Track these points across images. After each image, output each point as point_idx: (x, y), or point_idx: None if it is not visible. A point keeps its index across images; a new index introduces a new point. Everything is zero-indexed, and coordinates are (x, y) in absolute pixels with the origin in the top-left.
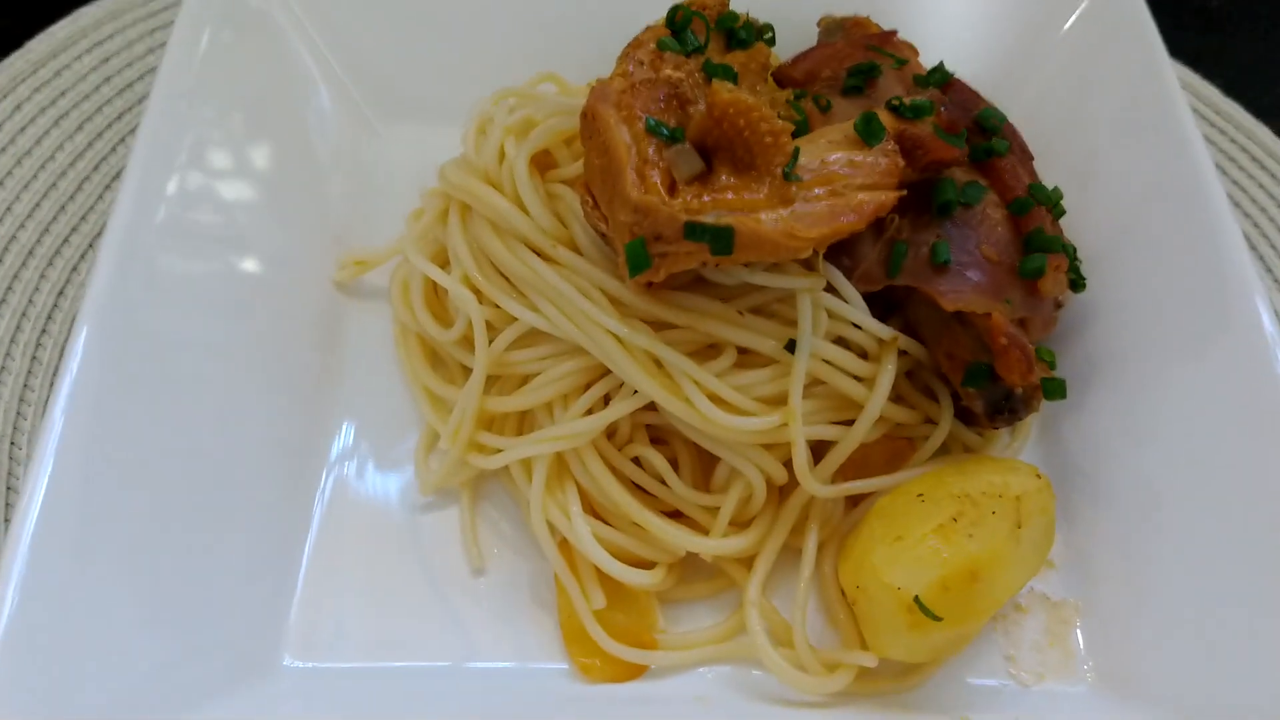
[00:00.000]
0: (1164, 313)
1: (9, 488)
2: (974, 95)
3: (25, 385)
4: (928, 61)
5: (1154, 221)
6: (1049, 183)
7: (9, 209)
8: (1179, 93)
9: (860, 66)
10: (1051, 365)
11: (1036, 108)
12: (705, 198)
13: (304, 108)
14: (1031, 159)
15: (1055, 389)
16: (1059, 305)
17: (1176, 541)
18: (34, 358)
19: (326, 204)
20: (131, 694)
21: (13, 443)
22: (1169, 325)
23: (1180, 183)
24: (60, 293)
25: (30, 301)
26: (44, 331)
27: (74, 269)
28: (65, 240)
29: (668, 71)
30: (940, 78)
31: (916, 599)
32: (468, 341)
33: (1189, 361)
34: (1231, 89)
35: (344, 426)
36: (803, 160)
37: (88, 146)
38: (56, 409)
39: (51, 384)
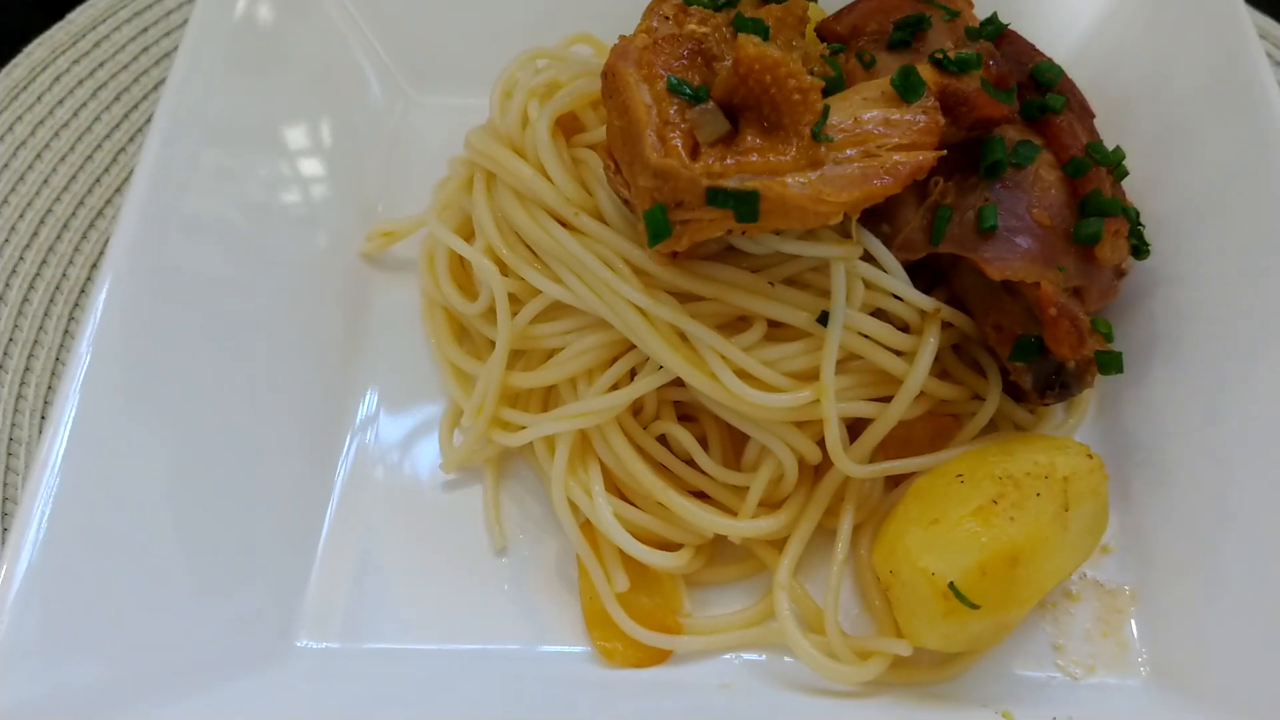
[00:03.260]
0: (1237, 283)
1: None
2: (1030, 48)
3: (57, 359)
4: (984, 13)
5: (1230, 185)
6: (1116, 144)
7: (46, 181)
8: (1260, 51)
9: (908, 19)
10: (1108, 337)
11: (1103, 64)
12: (729, 160)
13: (335, 75)
14: (1092, 116)
15: (1110, 363)
16: (1121, 273)
17: (1245, 528)
18: (66, 331)
19: (359, 173)
20: (141, 674)
21: (43, 416)
22: (1242, 296)
23: (1259, 148)
24: (94, 265)
25: (64, 275)
26: (76, 305)
27: (108, 242)
28: (99, 213)
29: (692, 26)
30: (994, 29)
31: (952, 585)
32: (493, 314)
33: (1264, 336)
34: None
35: (368, 402)
36: (834, 119)
37: (124, 117)
38: (75, 376)
39: None
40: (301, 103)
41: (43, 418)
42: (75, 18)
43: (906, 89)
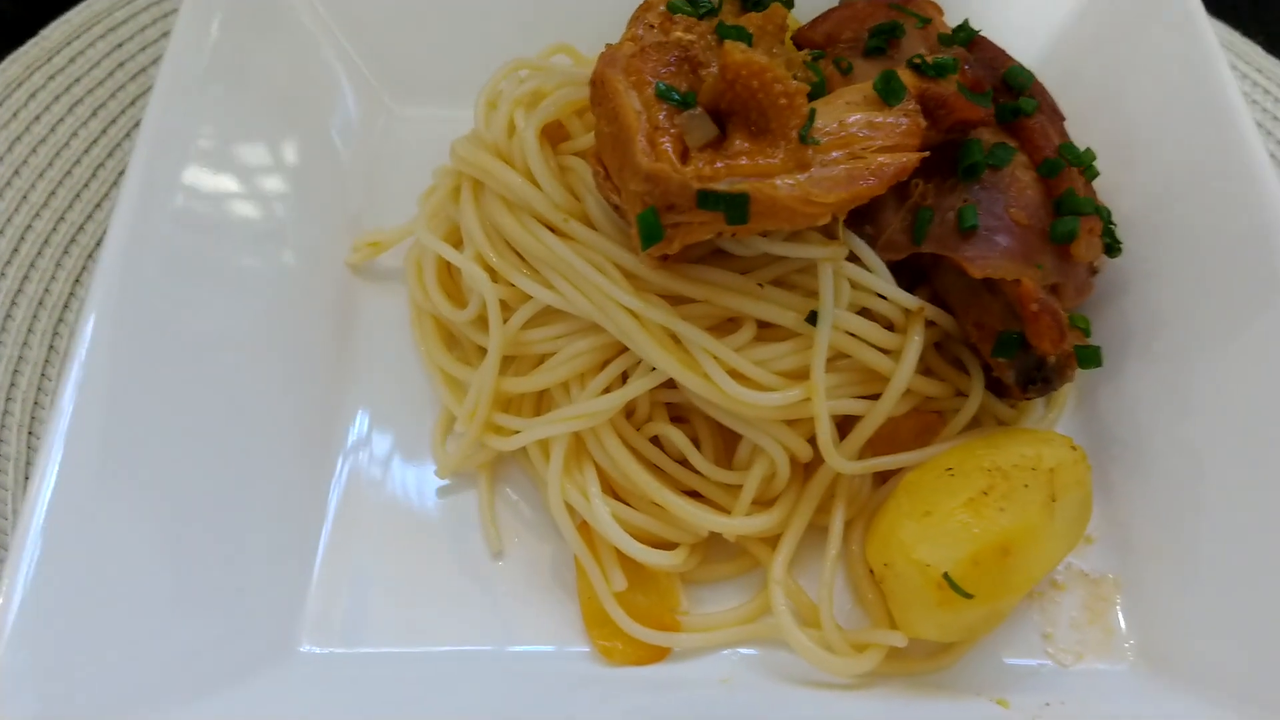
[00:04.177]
0: (1206, 279)
1: (27, 477)
2: (1001, 53)
3: (43, 374)
4: (953, 22)
5: (1195, 186)
6: (1085, 147)
7: (25, 197)
8: (1220, 53)
9: (882, 26)
10: (1086, 332)
11: (1069, 69)
12: (718, 164)
13: (317, 89)
14: (1062, 119)
15: (1090, 357)
16: (1094, 271)
17: (1221, 514)
18: (51, 346)
19: (341, 186)
20: (146, 681)
21: (30, 432)
22: (1211, 292)
23: (1223, 146)
24: (76, 280)
25: (46, 290)
26: (60, 320)
27: (90, 256)
28: (80, 228)
29: (678, 34)
30: (965, 36)
31: (946, 575)
32: (482, 321)
33: (1232, 329)
34: (1273, 45)
35: (359, 411)
36: (820, 122)
37: (102, 133)
38: (65, 397)
39: None
40: (282, 119)
41: (30, 433)
42: (49, 34)
43: (888, 92)
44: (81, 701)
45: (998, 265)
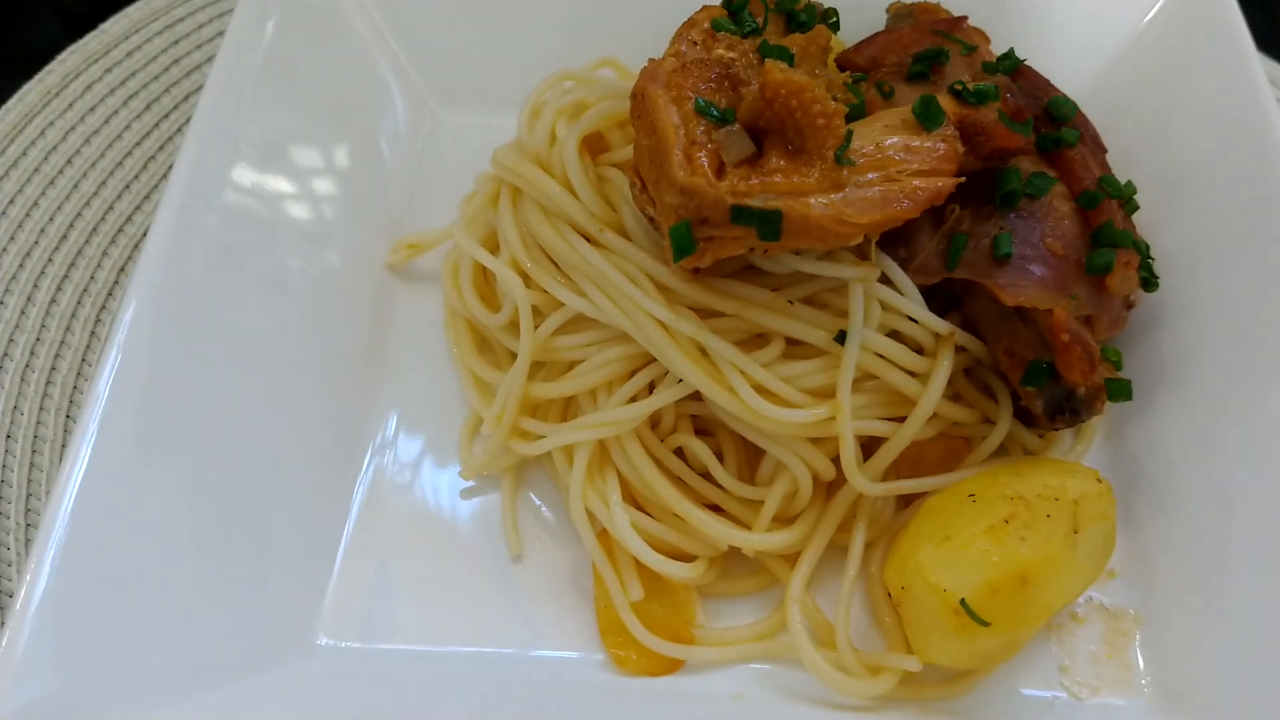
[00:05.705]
0: (1243, 319)
1: (63, 459)
2: (1045, 83)
3: (83, 360)
4: (1000, 50)
5: (1237, 224)
6: (1127, 180)
7: (76, 186)
8: (1267, 89)
9: (926, 52)
10: (1117, 365)
11: (1116, 103)
12: (753, 180)
13: (365, 93)
14: (1104, 151)
15: (1120, 390)
16: (1130, 305)
17: (1247, 557)
18: (92, 333)
19: (384, 189)
20: (165, 669)
21: (68, 415)
22: (1248, 331)
23: (1266, 184)
24: (122, 269)
25: (91, 278)
26: (103, 308)
27: (136, 246)
28: (128, 218)
29: (720, 51)
30: (1010, 64)
31: (963, 602)
32: (515, 326)
33: (1269, 372)
34: None
35: (389, 409)
36: (856, 144)
37: (154, 127)
38: (101, 382)
39: None
40: (330, 121)
41: (68, 416)
42: (108, 28)
43: (927, 117)
44: (100, 685)
45: (1030, 294)
